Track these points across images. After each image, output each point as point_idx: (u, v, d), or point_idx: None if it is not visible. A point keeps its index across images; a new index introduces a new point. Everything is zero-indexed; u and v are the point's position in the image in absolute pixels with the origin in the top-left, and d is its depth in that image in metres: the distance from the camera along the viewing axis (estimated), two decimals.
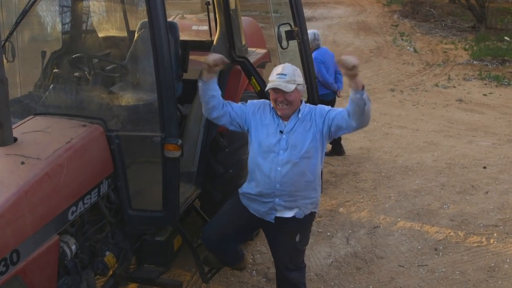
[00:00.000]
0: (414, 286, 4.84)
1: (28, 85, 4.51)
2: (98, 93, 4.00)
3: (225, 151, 4.67)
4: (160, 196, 3.89)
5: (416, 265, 5.14)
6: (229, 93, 4.61)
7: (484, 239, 5.54)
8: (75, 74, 4.39)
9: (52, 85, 4.03)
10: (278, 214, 3.84)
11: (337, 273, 5.02)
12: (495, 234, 5.62)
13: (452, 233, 5.64)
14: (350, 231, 5.69)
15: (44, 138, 3.53)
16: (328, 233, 5.65)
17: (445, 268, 5.09)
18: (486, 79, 11.40)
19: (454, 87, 11.04)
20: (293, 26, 4.48)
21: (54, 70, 4.56)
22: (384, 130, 8.64)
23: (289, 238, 3.88)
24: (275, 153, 3.74)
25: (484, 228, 5.75)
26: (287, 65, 3.72)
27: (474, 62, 13.02)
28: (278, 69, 3.69)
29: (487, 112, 9.53)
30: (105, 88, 4.07)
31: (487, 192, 6.51)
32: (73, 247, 3.45)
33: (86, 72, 4.37)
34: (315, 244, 5.40)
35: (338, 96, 7.51)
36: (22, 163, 3.23)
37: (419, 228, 5.76)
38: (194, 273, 4.93)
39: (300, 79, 3.70)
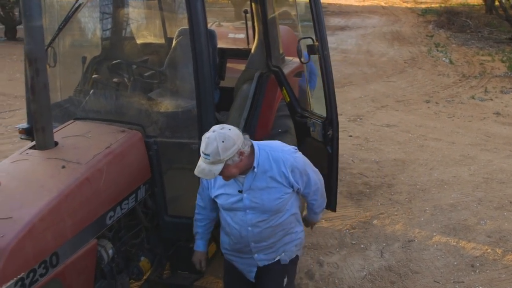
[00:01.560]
0: None
1: (68, 90, 4.57)
2: (137, 99, 4.04)
3: None
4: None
5: (452, 281, 5.03)
6: (267, 102, 4.61)
7: None
8: (114, 80, 4.45)
9: (92, 91, 4.08)
10: (260, 265, 3.49)
11: (371, 286, 4.94)
12: None
13: (489, 250, 5.51)
14: (384, 244, 5.61)
15: (84, 142, 3.58)
16: (362, 246, 5.57)
17: (482, 286, 4.96)
18: None
19: (491, 99, 10.82)
20: (314, 41, 4.39)
21: (94, 76, 4.62)
22: (419, 142, 8.51)
23: (276, 282, 3.51)
24: (242, 212, 3.31)
25: None
26: (211, 138, 2.99)
27: None
28: (203, 143, 3.03)
29: None
30: (144, 94, 4.10)
31: None
32: (110, 251, 3.48)
33: (125, 78, 4.41)
34: (348, 256, 5.34)
35: None
36: (63, 167, 3.27)
37: (455, 243, 5.63)
38: None
39: (227, 153, 2.98)
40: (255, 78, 4.71)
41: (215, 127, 3.08)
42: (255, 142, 3.26)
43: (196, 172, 3.06)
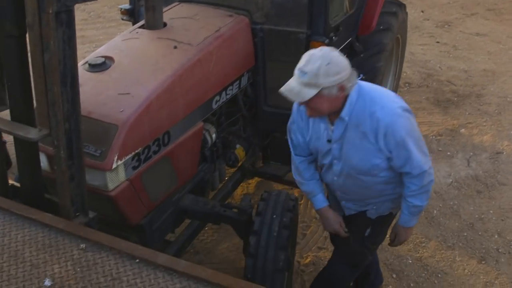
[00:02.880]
0: None
1: None
2: None
3: (360, 57, 4.51)
4: None
5: None
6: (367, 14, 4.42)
7: None
8: None
9: None
10: (351, 213, 3.14)
11: (457, 193, 4.89)
12: None
13: None
14: (471, 154, 5.48)
15: (193, 25, 3.53)
16: (448, 153, 5.47)
17: None
18: None
19: None
20: None
21: None
22: (510, 53, 8.07)
23: (357, 229, 3.14)
24: (329, 161, 2.90)
25: None
26: (315, 55, 2.53)
27: None
28: (303, 59, 2.56)
29: None
30: None
31: None
32: (213, 135, 3.53)
33: None
34: (435, 163, 5.25)
35: None
36: (175, 47, 3.25)
37: None
38: None
39: (328, 79, 2.50)
40: None
41: (324, 47, 2.63)
42: (359, 85, 2.68)
43: (283, 90, 2.61)
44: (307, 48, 3.60)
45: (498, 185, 5.05)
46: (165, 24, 3.49)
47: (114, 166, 2.69)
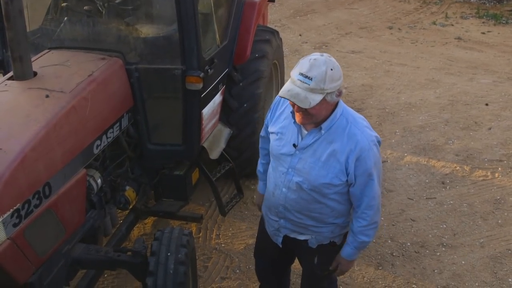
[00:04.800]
0: (424, 217, 4.96)
1: (35, 20, 4.37)
2: (115, 25, 3.91)
3: (239, 86, 4.63)
4: (180, 130, 3.89)
5: (424, 197, 5.25)
6: (244, 26, 4.54)
7: (489, 173, 5.63)
8: (85, 7, 4.27)
9: (66, 18, 3.93)
10: (289, 235, 3.06)
11: None
12: (499, 169, 5.71)
13: (458, 168, 5.73)
14: None
15: (65, 71, 3.47)
16: None
17: (453, 201, 5.20)
18: (484, 17, 11.27)
19: (452, 25, 10.91)
20: None
21: (63, 4, 4.42)
22: (384, 67, 8.60)
23: (305, 257, 3.14)
24: (285, 168, 2.82)
25: (488, 162, 5.84)
26: (319, 60, 2.53)
27: (471, 0, 12.87)
28: (305, 65, 2.53)
29: (486, 50, 9.48)
30: (121, 20, 3.96)
31: (490, 128, 6.57)
32: (99, 181, 3.47)
33: (97, 5, 4.25)
34: None
35: None
36: (47, 96, 3.18)
37: (425, 162, 5.83)
38: (209, 207, 5.00)
39: (333, 84, 2.52)
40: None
41: (320, 54, 2.59)
42: (341, 103, 2.73)
43: (286, 95, 2.55)
44: (183, 83, 3.66)
45: (386, 192, 5.33)
46: (35, 73, 3.40)
47: None
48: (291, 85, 2.56)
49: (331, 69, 2.51)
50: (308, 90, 2.50)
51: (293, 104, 2.63)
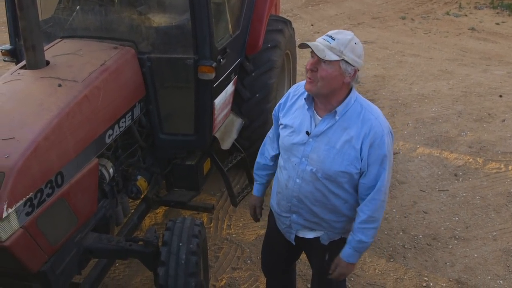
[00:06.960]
0: (436, 210, 4.92)
1: (48, 9, 4.37)
2: (127, 14, 3.89)
3: (252, 76, 4.61)
4: (192, 119, 3.88)
5: (437, 190, 5.21)
6: (256, 16, 4.51)
7: (502, 166, 5.58)
8: None
9: (78, 7, 3.92)
10: (299, 234, 3.01)
11: None
12: None
13: (471, 160, 5.68)
14: None
15: (77, 60, 3.46)
16: None
17: (465, 193, 5.16)
18: (498, 7, 11.18)
19: (466, 15, 10.83)
20: None
21: None
22: (397, 58, 8.54)
23: (316, 254, 3.09)
24: (298, 158, 2.78)
25: (502, 155, 5.79)
26: (346, 33, 2.59)
27: None
28: (334, 31, 2.62)
29: (500, 41, 9.39)
30: (134, 9, 3.94)
31: (503, 120, 6.51)
32: (111, 170, 3.47)
33: None
34: None
35: None
36: (59, 85, 3.17)
37: (438, 154, 5.79)
38: (220, 198, 5.00)
39: (352, 55, 2.52)
40: None
41: None
42: (355, 92, 2.71)
43: (307, 43, 2.55)
44: (196, 73, 3.64)
45: (398, 184, 5.30)
46: (48, 62, 3.40)
47: (4, 215, 2.56)
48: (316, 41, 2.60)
49: (355, 43, 2.55)
50: (328, 48, 2.52)
51: (306, 67, 2.61)
